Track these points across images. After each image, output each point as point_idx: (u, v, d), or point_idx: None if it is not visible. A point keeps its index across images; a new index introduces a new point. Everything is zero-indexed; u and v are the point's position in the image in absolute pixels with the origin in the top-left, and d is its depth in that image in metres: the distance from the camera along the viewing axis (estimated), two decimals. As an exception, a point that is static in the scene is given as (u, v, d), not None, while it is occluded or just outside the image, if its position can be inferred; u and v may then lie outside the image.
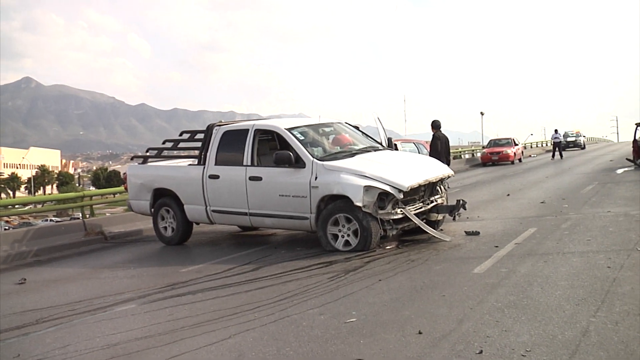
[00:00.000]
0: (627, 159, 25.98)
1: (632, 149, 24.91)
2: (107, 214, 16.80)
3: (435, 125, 14.61)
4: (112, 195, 17.31)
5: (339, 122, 11.73)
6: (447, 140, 14.52)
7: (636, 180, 18.32)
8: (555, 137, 39.78)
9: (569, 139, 54.27)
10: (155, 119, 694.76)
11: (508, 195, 16.24)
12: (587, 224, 10.34)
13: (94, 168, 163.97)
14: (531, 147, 54.71)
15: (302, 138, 10.16)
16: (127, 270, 9.82)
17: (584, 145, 57.18)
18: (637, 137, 24.08)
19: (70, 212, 30.35)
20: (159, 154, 12.90)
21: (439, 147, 14.03)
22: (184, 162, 12.05)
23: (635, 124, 24.19)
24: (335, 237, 9.32)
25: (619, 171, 22.56)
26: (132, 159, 13.76)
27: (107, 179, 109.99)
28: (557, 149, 38.36)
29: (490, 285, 6.61)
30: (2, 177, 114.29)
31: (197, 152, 11.48)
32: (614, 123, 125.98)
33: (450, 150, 15.46)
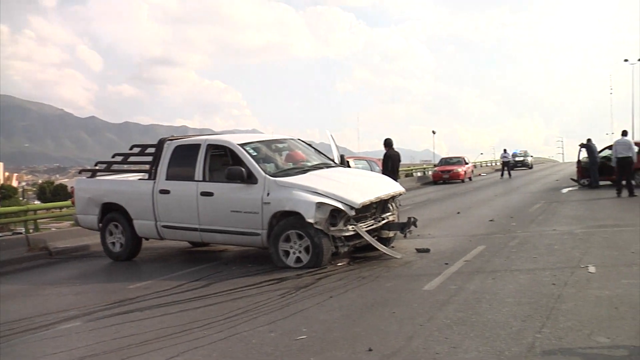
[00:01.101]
0: (571, 178, 26.59)
1: (576, 169, 25.52)
2: (53, 229, 16.39)
3: (388, 143, 14.74)
4: (58, 210, 16.93)
5: (292, 139, 11.75)
6: (398, 158, 14.66)
7: (580, 200, 18.78)
8: (504, 157, 40.47)
9: (517, 159, 55.18)
10: (105, 132, 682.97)
11: (458, 213, 16.47)
12: (534, 242, 10.56)
13: (40, 181, 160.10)
14: (481, 166, 55.58)
15: (255, 154, 10.13)
16: (72, 286, 9.58)
17: (532, 165, 58.29)
18: (580, 158, 24.70)
19: (13, 226, 29.56)
20: (108, 168, 12.69)
21: (391, 165, 14.16)
22: (134, 177, 11.89)
23: (579, 145, 24.77)
24: (287, 253, 9.29)
25: (564, 190, 23.08)
26: (80, 172, 13.49)
27: (53, 192, 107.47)
28: (505, 168, 39.02)
29: (439, 302, 6.68)
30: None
31: (147, 167, 11.34)
32: (560, 144, 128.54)
33: (399, 168, 15.60)
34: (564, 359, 4.76)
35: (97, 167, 12.72)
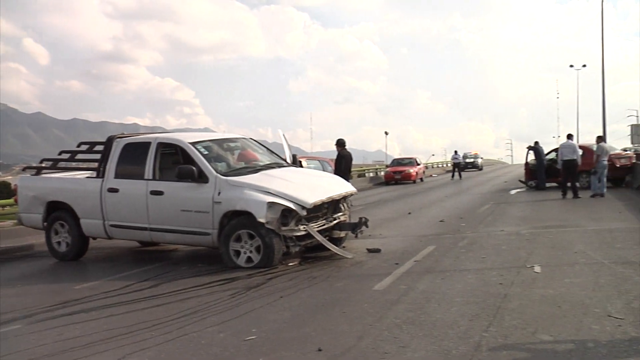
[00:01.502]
0: (519, 180, 27.07)
1: (524, 171, 25.97)
2: (-5, 228, 15.93)
3: (340, 143, 14.75)
4: (1, 208, 16.51)
5: (245, 138, 11.67)
6: (350, 158, 14.67)
7: (527, 201, 19.12)
8: (455, 158, 40.95)
9: (467, 160, 55.89)
10: (52, 128, 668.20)
11: (409, 213, 16.60)
12: (482, 243, 10.70)
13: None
14: (432, 167, 56.16)
15: (206, 153, 10.04)
16: (13, 288, 9.26)
17: (482, 166, 59.14)
18: (528, 160, 25.14)
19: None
20: (55, 166, 12.37)
21: (344, 165, 14.17)
22: (82, 175, 11.65)
23: (527, 148, 25.20)
24: (238, 253, 9.22)
25: (513, 192, 23.46)
26: (24, 170, 13.19)
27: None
28: (456, 169, 39.49)
29: (389, 301, 6.71)
30: None
31: (96, 165, 11.10)
32: (509, 146, 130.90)
33: (351, 169, 15.62)
34: (509, 357, 4.81)
35: (42, 165, 12.43)
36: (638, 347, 4.93)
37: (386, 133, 71.83)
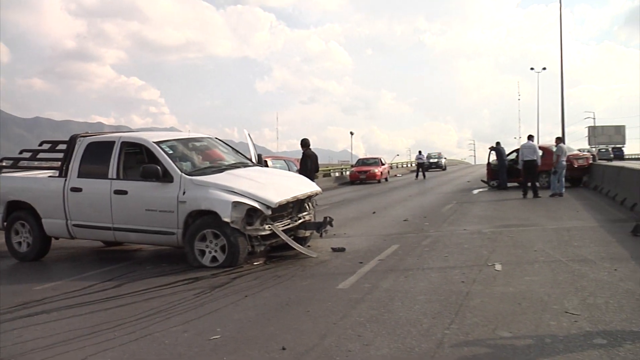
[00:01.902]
0: (482, 180, 27.37)
1: (486, 171, 26.27)
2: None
3: (305, 144, 14.72)
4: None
5: (210, 137, 11.59)
6: (316, 158, 14.66)
7: (489, 201, 19.34)
8: (419, 158, 41.24)
9: (431, 161, 56.30)
10: (13, 127, 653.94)
11: (374, 213, 16.65)
12: (445, 241, 10.78)
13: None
14: (397, 167, 56.44)
15: (171, 152, 9.94)
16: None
17: (445, 166, 59.64)
18: (490, 161, 25.44)
19: None
20: (15, 165, 12.15)
21: (309, 165, 14.16)
22: (44, 174, 11.44)
23: (489, 148, 25.51)
24: (203, 252, 9.15)
25: (475, 192, 23.71)
26: (-17, 168, 12.92)
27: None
28: (420, 169, 39.75)
29: (353, 300, 6.72)
30: None
31: (58, 164, 10.91)
32: (472, 147, 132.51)
33: (319, 168, 15.59)
34: (470, 353, 4.86)
35: (3, 164, 12.18)
36: (592, 342, 5.02)
37: (351, 133, 72.12)
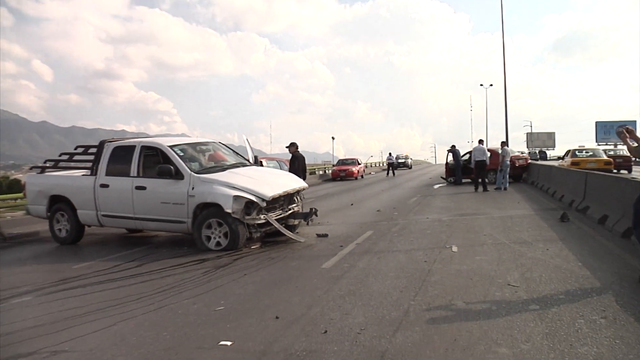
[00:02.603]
0: (441, 177, 27.46)
1: (445, 169, 26.37)
2: (8, 217, 15.54)
3: (293, 146, 14.65)
4: (13, 201, 16.16)
5: (214, 142, 11.55)
6: (303, 159, 14.61)
7: (447, 194, 19.39)
8: (389, 159, 41.25)
9: (400, 161, 56.30)
10: (54, 134, 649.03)
11: (352, 204, 16.64)
12: (411, 228, 10.80)
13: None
14: (371, 166, 56.42)
15: (182, 154, 9.91)
16: (24, 266, 9.05)
17: (411, 165, 59.71)
18: (448, 161, 25.56)
19: (-28, 216, 27.92)
20: (56, 165, 12.10)
21: (297, 165, 14.12)
22: (78, 173, 11.40)
23: (447, 151, 25.63)
24: (209, 238, 9.14)
25: (436, 186, 23.75)
26: (31, 169, 12.87)
27: (9, 186, 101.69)
28: (390, 168, 39.75)
29: (335, 277, 6.73)
30: None
31: (90, 164, 10.89)
32: (433, 149, 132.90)
33: (306, 168, 15.54)
34: (431, 319, 4.90)
35: (46, 165, 12.15)
36: (528, 307, 5.13)
37: (333, 138, 71.96)
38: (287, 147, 14.57)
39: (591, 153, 26.83)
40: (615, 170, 24.34)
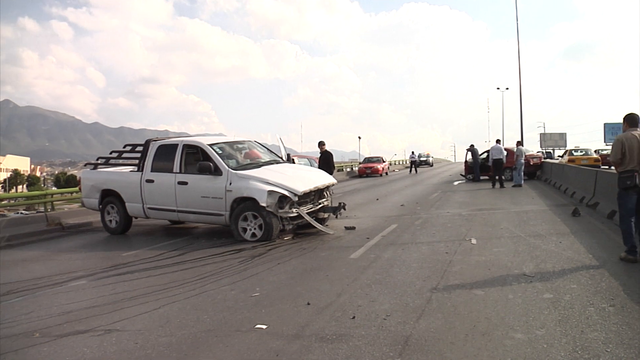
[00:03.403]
0: (460, 174, 27.13)
1: (464, 167, 26.04)
2: (65, 209, 15.89)
3: (321, 144, 14.57)
4: (69, 194, 16.48)
5: (250, 140, 11.55)
6: (332, 156, 14.48)
7: (466, 190, 19.14)
8: (412, 157, 40.93)
9: (422, 159, 55.74)
10: (106, 134, 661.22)
11: (377, 199, 16.52)
12: (433, 222, 10.66)
13: (56, 172, 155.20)
14: (395, 164, 56.06)
15: (220, 152, 9.92)
16: (79, 253, 9.19)
17: (433, 163, 59.08)
18: (467, 159, 25.22)
19: (36, 207, 28.68)
20: (107, 162, 12.27)
21: (324, 162, 13.97)
22: (127, 169, 11.52)
23: (466, 150, 25.30)
24: (245, 230, 9.13)
25: (455, 183, 23.48)
26: (85, 165, 13.09)
27: (66, 181, 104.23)
28: (413, 165, 39.47)
29: (362, 267, 6.67)
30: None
31: (137, 161, 11.00)
32: (452, 148, 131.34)
33: (335, 164, 15.38)
34: (451, 307, 4.81)
35: (98, 162, 12.33)
36: (543, 296, 5.06)
37: (359, 138, 71.74)
38: (318, 145, 14.54)
39: (584, 152, 30.29)
40: (605, 167, 24.07)
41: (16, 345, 4.49)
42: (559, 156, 38.68)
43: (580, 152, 30.54)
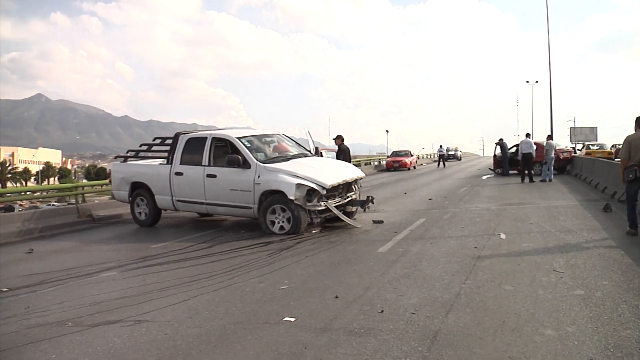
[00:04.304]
0: (489, 168, 26.79)
1: (492, 161, 25.71)
2: (96, 201, 16.17)
3: (339, 138, 14.38)
4: (99, 187, 16.75)
5: (278, 134, 11.59)
6: (349, 151, 14.20)
7: (495, 184, 18.91)
8: (440, 151, 40.50)
9: (450, 153, 55.18)
10: (135, 127, 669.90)
11: (405, 193, 16.45)
12: (461, 216, 10.58)
13: (87, 165, 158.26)
14: (423, 157, 55.58)
15: (249, 145, 9.98)
16: (109, 245, 9.38)
17: (461, 157, 58.44)
18: (496, 153, 24.90)
19: (68, 199, 29.30)
20: (137, 155, 12.38)
21: (342, 157, 13.63)
22: (156, 162, 11.65)
23: (495, 143, 24.96)
24: (273, 223, 9.19)
25: (484, 177, 23.20)
26: (115, 158, 13.29)
27: (96, 173, 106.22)
28: (441, 159, 39.06)
29: (390, 261, 6.67)
30: (17, 170, 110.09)
31: (166, 154, 11.09)
32: (481, 142, 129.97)
33: (351, 159, 14.95)
34: (480, 302, 4.79)
35: (128, 154, 12.49)
36: (573, 292, 4.99)
37: (387, 131, 71.38)
38: (333, 139, 14.44)
39: (599, 147, 35.17)
40: (618, 160, 23.71)
41: (50, 334, 4.61)
42: (578, 150, 39.86)
43: (597, 146, 35.21)
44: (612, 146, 35.70)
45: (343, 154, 13.92)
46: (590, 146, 35.47)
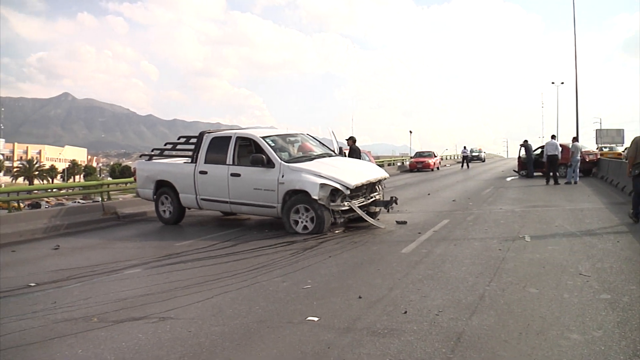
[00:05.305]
0: (513, 170, 26.47)
1: (517, 163, 25.43)
2: (120, 199, 16.38)
3: (352, 139, 14.33)
4: (124, 184, 16.91)
5: (302, 133, 11.61)
6: (360, 152, 14.24)
7: (519, 186, 18.70)
8: (464, 152, 40.13)
9: (473, 154, 54.56)
10: (159, 126, 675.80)
11: (428, 194, 16.37)
12: (485, 218, 10.50)
13: (112, 163, 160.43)
14: (446, 158, 55.07)
15: (273, 145, 10.03)
16: (134, 242, 9.53)
17: (484, 159, 57.76)
18: (520, 155, 24.63)
19: (93, 196, 29.72)
20: (161, 153, 12.50)
21: (354, 157, 13.66)
22: (180, 160, 11.75)
23: (520, 145, 24.70)
24: (296, 222, 9.23)
25: (508, 179, 22.96)
26: (140, 156, 13.41)
27: (121, 171, 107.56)
28: (465, 160, 38.69)
29: (413, 262, 6.66)
30: (43, 167, 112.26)
31: (190, 153, 11.18)
32: (505, 143, 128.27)
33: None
34: (505, 305, 4.76)
35: (153, 153, 12.60)
36: (600, 297, 4.92)
37: (410, 132, 70.87)
38: (346, 139, 14.46)
39: (610, 149, 40.51)
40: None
41: (76, 329, 4.69)
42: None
43: (610, 149, 40.43)
44: (624, 149, 36.28)
45: (355, 153, 14.00)
46: (602, 148, 40.22)
